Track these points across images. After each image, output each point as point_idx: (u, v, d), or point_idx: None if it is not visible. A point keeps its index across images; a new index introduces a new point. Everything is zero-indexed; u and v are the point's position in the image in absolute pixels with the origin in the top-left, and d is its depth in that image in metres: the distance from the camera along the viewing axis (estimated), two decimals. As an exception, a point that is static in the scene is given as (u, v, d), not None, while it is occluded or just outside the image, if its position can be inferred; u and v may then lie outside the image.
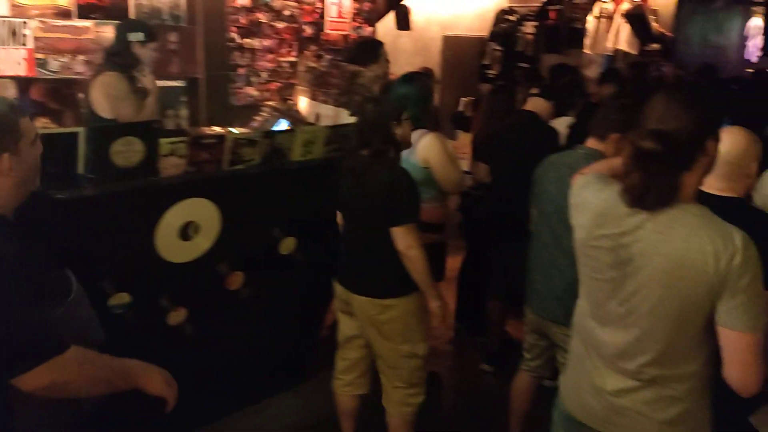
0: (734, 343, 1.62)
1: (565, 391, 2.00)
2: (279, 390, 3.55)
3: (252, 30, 4.56)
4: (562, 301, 2.74)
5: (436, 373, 3.77)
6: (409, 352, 2.81)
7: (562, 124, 4.02)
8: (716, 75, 6.20)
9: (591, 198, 1.82)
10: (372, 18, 5.03)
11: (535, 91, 4.11)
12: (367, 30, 5.02)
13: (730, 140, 2.15)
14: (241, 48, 4.52)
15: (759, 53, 9.06)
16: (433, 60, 9.86)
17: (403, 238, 2.63)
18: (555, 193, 2.79)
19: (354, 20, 4.97)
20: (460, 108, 7.86)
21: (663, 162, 1.61)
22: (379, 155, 2.70)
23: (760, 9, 8.71)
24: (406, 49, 10.21)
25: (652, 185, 1.62)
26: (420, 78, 3.28)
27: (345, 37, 4.92)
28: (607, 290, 1.76)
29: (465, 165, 4.45)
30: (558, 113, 4.04)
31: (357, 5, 4.97)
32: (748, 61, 9.44)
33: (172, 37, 4.55)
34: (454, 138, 8.34)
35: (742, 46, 9.29)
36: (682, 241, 1.61)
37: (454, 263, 4.58)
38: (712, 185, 2.20)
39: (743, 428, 2.00)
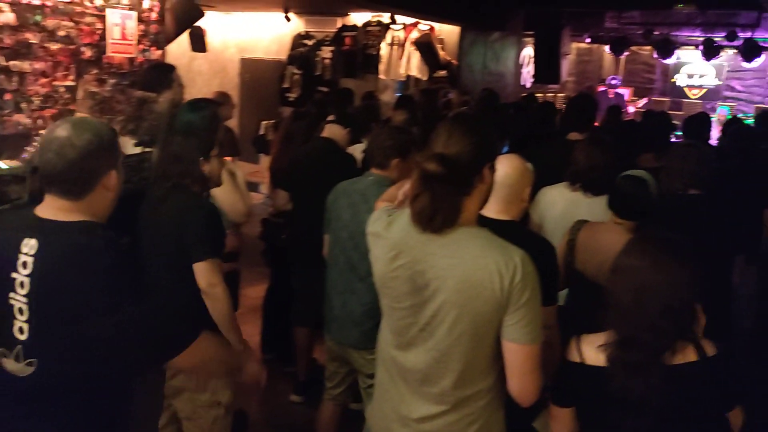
0: (517, 356, 1.74)
1: (372, 420, 2.04)
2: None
3: (20, 51, 4.11)
4: (359, 326, 2.78)
5: (243, 411, 3.62)
6: (210, 401, 2.60)
7: (358, 150, 4.12)
8: (497, 100, 6.75)
9: (384, 231, 1.87)
10: (161, 40, 4.78)
11: (331, 117, 4.18)
12: (155, 53, 4.76)
13: (508, 165, 2.34)
14: (7, 71, 4.04)
15: (531, 79, 10.07)
16: (231, 82, 9.71)
17: (204, 275, 2.43)
18: (348, 219, 2.83)
19: (140, 42, 4.69)
20: (261, 131, 7.79)
21: (446, 184, 1.71)
22: (179, 188, 2.53)
23: (531, 40, 9.67)
24: (202, 71, 9.94)
25: (439, 207, 1.71)
26: (207, 105, 3.16)
27: (131, 60, 4.62)
28: (407, 317, 1.81)
29: (265, 188, 4.39)
30: (354, 139, 4.13)
31: (143, 27, 4.69)
32: (524, 86, 10.46)
33: None
34: (256, 161, 8.29)
35: (518, 73, 10.27)
36: (471, 263, 1.71)
37: (258, 291, 4.48)
38: (490, 208, 2.35)
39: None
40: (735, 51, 9.63)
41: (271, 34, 9.22)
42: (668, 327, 1.78)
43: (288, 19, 8.55)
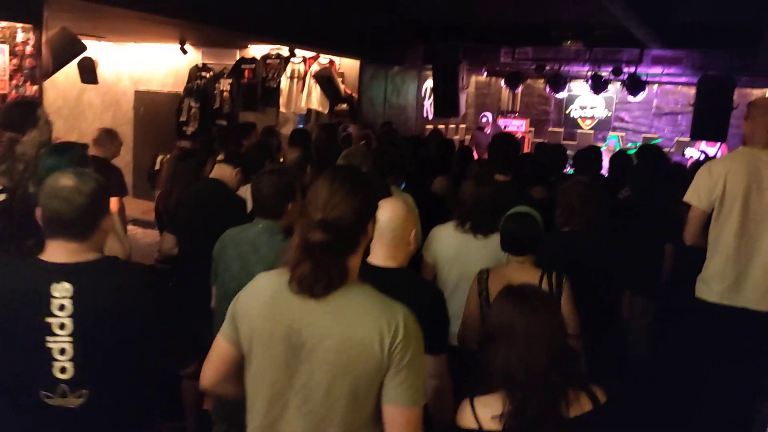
0: (398, 419, 1.65)
1: None
2: None
3: None
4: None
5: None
6: None
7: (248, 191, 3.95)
8: (396, 136, 6.75)
9: (260, 285, 1.77)
10: (37, 76, 4.49)
11: (221, 157, 4.00)
12: (30, 88, 4.46)
13: (390, 210, 2.29)
14: None
15: (433, 111, 10.21)
16: (125, 116, 9.34)
17: None
18: (238, 270, 2.69)
19: (13, 78, 4.38)
20: (157, 166, 7.48)
21: (331, 250, 1.61)
22: None
23: (431, 73, 9.82)
24: (93, 104, 9.51)
25: (322, 274, 1.61)
26: (72, 147, 2.98)
27: (3, 96, 4.31)
28: (282, 381, 1.69)
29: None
30: (246, 179, 3.95)
31: (16, 61, 4.39)
32: (426, 118, 10.61)
33: None
34: (151, 198, 7.94)
35: (420, 105, 10.40)
36: (351, 322, 1.62)
37: (146, 342, 4.21)
38: (377, 254, 2.29)
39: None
40: (622, 84, 10.18)
41: (167, 66, 8.96)
42: (557, 376, 1.78)
43: (184, 51, 8.33)
